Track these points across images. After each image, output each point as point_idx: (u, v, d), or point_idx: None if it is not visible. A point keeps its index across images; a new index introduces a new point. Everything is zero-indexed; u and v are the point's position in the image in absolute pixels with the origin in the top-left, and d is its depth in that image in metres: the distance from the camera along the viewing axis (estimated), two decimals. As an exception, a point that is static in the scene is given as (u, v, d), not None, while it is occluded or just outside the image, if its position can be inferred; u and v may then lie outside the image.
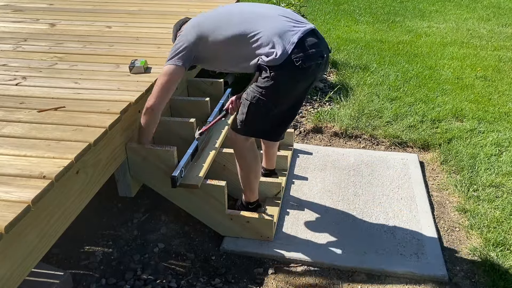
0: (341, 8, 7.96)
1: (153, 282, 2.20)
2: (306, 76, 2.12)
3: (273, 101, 2.14)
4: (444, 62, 5.24)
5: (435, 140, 3.53)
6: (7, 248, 1.44)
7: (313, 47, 2.07)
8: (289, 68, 2.04)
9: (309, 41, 2.07)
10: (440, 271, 2.28)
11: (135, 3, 4.40)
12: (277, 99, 2.15)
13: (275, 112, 2.18)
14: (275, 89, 2.10)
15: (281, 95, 2.14)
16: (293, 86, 2.13)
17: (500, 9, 8.02)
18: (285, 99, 2.17)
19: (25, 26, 3.58)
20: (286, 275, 2.30)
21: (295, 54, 2.03)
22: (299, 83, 2.14)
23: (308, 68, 2.07)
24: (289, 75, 2.08)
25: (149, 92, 2.42)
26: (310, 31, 2.11)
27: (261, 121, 2.22)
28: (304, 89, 2.20)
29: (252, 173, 2.42)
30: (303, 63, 2.04)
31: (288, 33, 2.06)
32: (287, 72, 2.06)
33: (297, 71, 2.05)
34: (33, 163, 1.71)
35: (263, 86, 2.11)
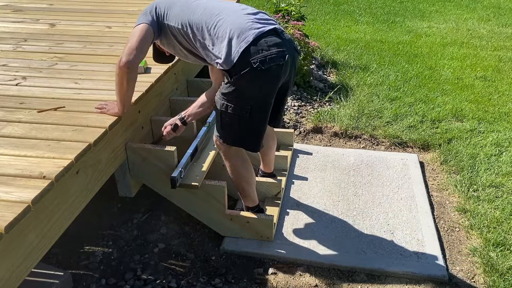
0: (341, 8, 7.96)
1: (153, 282, 2.20)
2: (268, 78, 2.02)
3: (242, 106, 2.06)
4: (444, 62, 5.25)
5: (435, 140, 3.53)
6: (7, 248, 1.44)
7: (273, 47, 1.97)
8: (247, 71, 1.95)
9: (270, 41, 1.98)
10: (440, 271, 2.28)
11: (135, 3, 4.41)
12: (245, 104, 2.06)
13: (247, 119, 2.09)
14: (239, 94, 2.03)
15: (247, 99, 2.06)
16: (257, 89, 2.04)
17: (500, 9, 8.02)
18: (253, 104, 2.07)
19: (25, 26, 3.58)
20: (286, 275, 2.30)
21: (252, 56, 1.94)
22: (263, 86, 2.04)
23: (268, 70, 1.97)
24: (249, 79, 1.98)
25: (149, 92, 2.42)
26: (272, 30, 2.02)
27: (235, 129, 2.15)
28: (271, 93, 2.08)
29: (243, 179, 2.37)
30: (261, 65, 1.94)
31: (246, 31, 1.98)
32: (247, 75, 1.97)
33: (256, 73, 1.95)
34: (33, 163, 1.71)
35: (226, 93, 2.05)
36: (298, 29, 4.43)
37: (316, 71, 4.66)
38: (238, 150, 2.30)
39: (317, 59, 5.04)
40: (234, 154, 2.30)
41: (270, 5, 5.42)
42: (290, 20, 4.72)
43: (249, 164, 2.38)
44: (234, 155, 2.31)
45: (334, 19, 7.20)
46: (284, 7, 4.94)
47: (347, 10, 7.83)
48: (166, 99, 2.77)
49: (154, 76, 2.54)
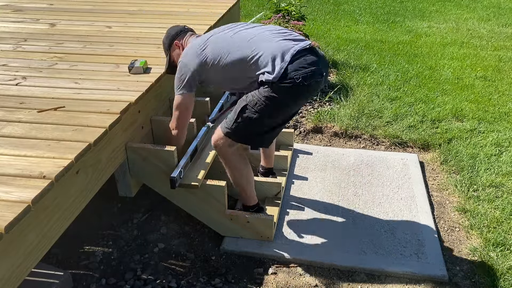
0: (341, 8, 7.96)
1: (153, 282, 2.20)
2: (306, 94, 2.20)
3: (270, 111, 2.16)
4: (444, 62, 5.24)
5: (435, 140, 3.53)
6: (7, 248, 1.44)
7: (312, 65, 2.10)
8: (292, 85, 2.08)
9: (308, 59, 2.11)
10: (440, 271, 2.28)
11: (135, 3, 4.40)
12: (274, 111, 2.17)
13: (267, 122, 2.21)
14: (276, 100, 2.13)
15: (279, 107, 2.17)
16: (292, 102, 2.19)
17: (500, 9, 8.02)
18: (281, 112, 2.20)
19: (25, 26, 3.58)
20: (286, 275, 2.30)
21: (295, 72, 2.07)
22: (298, 100, 2.22)
23: (308, 86, 2.10)
24: (290, 91, 2.10)
25: (149, 92, 2.42)
26: (308, 48, 2.15)
27: (250, 126, 2.21)
28: (301, 105, 2.27)
29: (242, 178, 2.40)
30: (304, 80, 2.07)
31: (285, 52, 2.10)
32: (289, 88, 2.09)
33: (298, 88, 2.09)
34: (33, 163, 1.71)
35: (265, 95, 2.13)
36: (298, 29, 4.43)
37: (316, 71, 4.65)
38: (237, 149, 2.31)
39: (317, 59, 5.03)
40: (235, 152, 2.32)
41: (270, 5, 5.42)
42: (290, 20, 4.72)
43: (247, 163, 2.40)
44: (233, 154, 2.32)
45: (334, 19, 7.20)
46: (284, 7, 4.94)
47: (347, 10, 7.83)
48: (166, 99, 2.77)
49: (154, 76, 2.54)
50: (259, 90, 2.15)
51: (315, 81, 2.12)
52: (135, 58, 2.74)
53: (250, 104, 2.16)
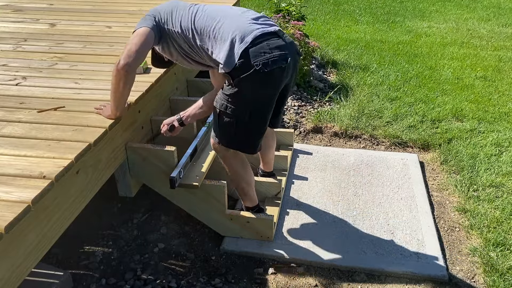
0: (341, 8, 7.96)
1: (153, 282, 2.20)
2: (270, 82, 2.02)
3: (242, 109, 2.05)
4: (444, 62, 5.25)
5: (435, 140, 3.53)
6: (7, 248, 1.44)
7: (276, 49, 1.97)
8: (250, 73, 1.95)
9: (272, 43, 1.98)
10: (440, 271, 2.28)
11: (135, 3, 4.41)
12: (245, 107, 2.06)
13: (246, 122, 2.09)
14: (241, 96, 2.02)
15: (248, 102, 2.06)
16: (259, 92, 2.04)
17: (500, 9, 8.02)
18: (253, 106, 2.07)
19: (25, 26, 3.58)
20: (286, 275, 2.30)
21: (255, 58, 1.93)
22: (264, 89, 2.04)
23: (271, 73, 1.96)
24: (251, 81, 1.98)
25: (149, 92, 2.42)
26: (273, 32, 2.02)
27: (233, 130, 2.13)
28: (272, 95, 2.09)
29: (242, 180, 2.37)
30: (264, 67, 1.93)
31: (247, 33, 1.97)
32: (249, 78, 1.96)
33: (259, 76, 1.95)
34: (33, 163, 1.71)
35: (228, 94, 2.04)
36: (298, 29, 4.43)
37: (316, 71, 4.66)
38: (235, 152, 2.29)
39: (317, 59, 5.04)
40: (232, 155, 2.29)
41: (270, 5, 5.42)
42: (290, 20, 4.72)
43: (247, 165, 2.38)
44: (231, 157, 2.30)
45: (334, 19, 7.20)
46: (284, 7, 4.94)
47: (347, 10, 7.83)
48: (166, 99, 2.77)
49: (154, 76, 2.54)
50: (223, 89, 2.07)
51: (279, 67, 1.97)
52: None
53: (221, 109, 2.08)
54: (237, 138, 2.18)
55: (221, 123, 2.14)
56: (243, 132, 2.15)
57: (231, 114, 2.07)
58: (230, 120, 2.10)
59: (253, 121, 2.11)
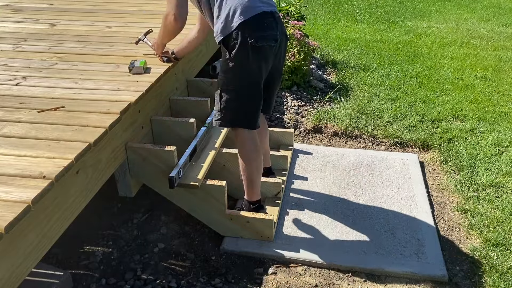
0: (341, 8, 7.96)
1: (153, 282, 2.20)
2: (259, 56, 2.20)
3: (239, 82, 2.23)
4: (444, 62, 5.25)
5: (435, 140, 3.53)
6: (7, 248, 1.44)
7: (268, 28, 2.18)
8: (243, 46, 2.14)
9: (268, 22, 2.18)
10: (440, 271, 2.28)
11: (135, 3, 4.40)
12: (243, 80, 2.23)
13: (245, 94, 2.26)
14: (237, 69, 2.20)
15: (245, 75, 2.23)
16: (252, 64, 2.20)
17: (500, 9, 8.02)
18: (249, 78, 2.24)
19: (25, 26, 3.58)
20: (286, 275, 2.30)
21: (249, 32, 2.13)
22: (256, 62, 2.21)
23: (260, 48, 2.16)
24: (245, 54, 2.16)
25: (149, 92, 2.42)
26: (269, 12, 2.20)
27: (235, 106, 2.27)
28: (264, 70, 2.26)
29: (253, 165, 2.40)
30: (256, 42, 2.13)
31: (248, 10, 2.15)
32: (243, 51, 2.15)
33: (250, 49, 2.14)
34: (33, 163, 1.71)
35: (226, 70, 2.22)
36: (298, 29, 4.43)
37: (316, 71, 4.66)
38: (253, 134, 2.36)
39: (317, 59, 5.04)
40: (249, 137, 2.36)
41: (270, 5, 5.42)
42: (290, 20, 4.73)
43: (260, 156, 2.43)
44: (249, 139, 2.36)
45: (334, 19, 7.20)
46: (284, 7, 4.95)
47: (347, 10, 7.83)
48: (166, 99, 2.77)
49: (154, 76, 2.54)
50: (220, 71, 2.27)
51: (268, 45, 2.18)
52: (135, 58, 2.74)
53: (223, 87, 2.25)
54: (239, 114, 2.31)
55: (223, 102, 2.27)
56: (244, 106, 2.30)
57: (232, 89, 2.25)
58: (232, 95, 2.25)
59: (251, 93, 2.27)
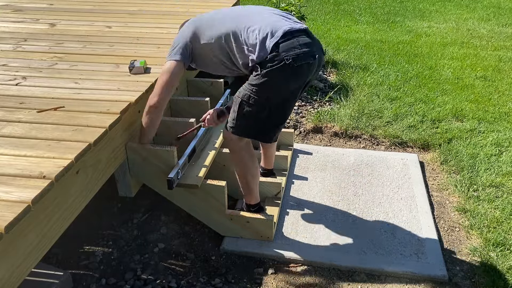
0: (341, 8, 7.96)
1: (153, 282, 2.20)
2: (297, 76, 2.10)
3: (265, 99, 2.12)
4: (444, 62, 5.25)
5: (435, 140, 3.53)
6: (7, 248, 1.44)
7: (304, 46, 2.05)
8: (280, 65, 2.03)
9: (301, 40, 2.06)
10: (440, 271, 2.28)
11: (135, 3, 4.41)
12: (269, 98, 2.13)
13: (267, 112, 2.15)
14: (266, 86, 2.08)
15: (272, 93, 2.12)
16: (284, 84, 2.11)
17: (500, 9, 8.02)
18: (276, 98, 2.14)
19: (25, 26, 3.58)
20: (286, 275, 2.30)
21: (285, 52, 2.02)
22: (290, 83, 2.11)
23: (299, 68, 2.05)
24: (279, 73, 2.05)
25: (149, 92, 2.42)
26: (302, 30, 2.11)
27: (252, 120, 2.19)
28: (296, 90, 2.16)
29: (249, 173, 2.39)
30: (294, 62, 2.02)
31: (277, 29, 2.06)
32: (278, 69, 2.04)
33: (287, 69, 2.03)
34: (33, 163, 1.71)
35: (254, 84, 2.10)
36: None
37: (316, 71, 4.65)
38: (248, 143, 2.33)
39: (317, 59, 5.03)
40: (244, 147, 2.32)
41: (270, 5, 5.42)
42: (290, 20, 4.71)
43: (255, 159, 2.41)
44: (243, 149, 2.33)
45: (334, 19, 7.20)
46: (284, 7, 4.94)
47: (347, 10, 7.83)
48: (166, 99, 2.76)
49: (154, 76, 2.54)
50: (249, 80, 2.13)
51: (307, 63, 2.07)
52: (135, 58, 2.74)
53: (244, 99, 2.14)
54: (256, 128, 2.23)
55: (241, 112, 2.18)
56: (263, 122, 2.20)
57: (253, 104, 2.13)
58: (251, 110, 2.15)
59: (274, 112, 2.17)
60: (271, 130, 2.28)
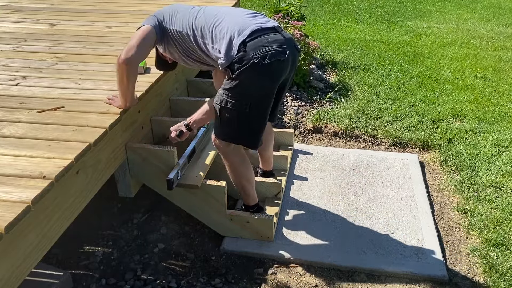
0: (341, 8, 7.96)
1: (153, 282, 2.20)
2: (269, 74, 2.05)
3: (242, 102, 2.08)
4: (444, 62, 5.25)
5: (435, 140, 3.53)
6: (7, 248, 1.44)
7: (274, 43, 2.02)
8: (249, 65, 1.99)
9: (270, 37, 2.03)
10: (440, 271, 2.28)
11: (135, 3, 4.41)
12: (245, 100, 2.09)
13: (247, 115, 2.12)
14: (240, 89, 2.06)
15: (248, 95, 2.09)
16: (258, 84, 2.07)
17: (500, 9, 8.02)
18: (253, 100, 2.10)
19: (25, 26, 3.58)
20: (286, 275, 2.30)
21: (254, 51, 1.98)
22: (262, 82, 2.07)
23: (269, 65, 2.00)
24: (250, 73, 2.01)
25: (149, 92, 2.43)
26: (272, 27, 2.08)
27: (234, 125, 2.16)
28: (270, 90, 2.11)
29: (243, 177, 2.38)
30: (262, 60, 1.98)
31: (245, 27, 2.04)
32: (248, 70, 2.00)
33: (258, 68, 1.99)
34: (33, 163, 1.71)
35: (228, 88, 2.08)
36: (298, 29, 4.43)
37: (316, 71, 4.65)
38: (236, 148, 2.31)
39: (317, 59, 5.04)
40: (233, 152, 2.31)
41: (270, 5, 5.42)
42: (290, 20, 4.72)
43: (248, 162, 2.39)
44: (232, 153, 2.31)
45: (334, 19, 7.20)
46: (284, 7, 4.94)
47: (347, 10, 7.83)
48: (166, 99, 2.77)
49: (154, 76, 2.54)
50: (223, 86, 2.11)
51: (277, 60, 2.01)
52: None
53: (222, 104, 2.11)
54: (239, 133, 2.20)
55: (223, 119, 2.16)
56: (245, 126, 2.18)
57: (232, 109, 2.10)
58: (231, 115, 2.13)
59: (253, 114, 2.13)
60: (255, 133, 2.23)
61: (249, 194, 2.46)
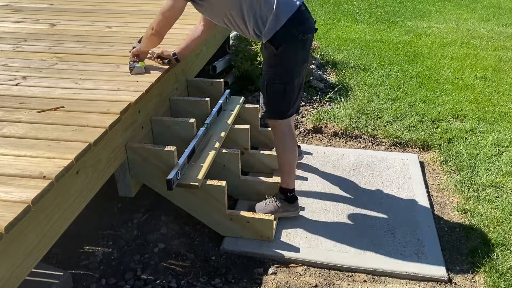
0: (341, 8, 7.96)
1: (153, 282, 2.20)
2: (304, 48, 2.31)
3: (286, 75, 2.30)
4: (444, 62, 5.25)
5: (435, 140, 3.53)
6: (7, 248, 1.44)
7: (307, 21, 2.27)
8: (291, 40, 2.22)
9: (304, 14, 2.26)
10: (440, 271, 2.28)
11: (135, 3, 4.40)
12: (289, 72, 2.30)
13: (290, 86, 2.34)
14: (284, 63, 2.27)
15: (290, 67, 2.30)
16: (298, 56, 2.30)
17: (500, 9, 8.03)
18: (294, 70, 2.31)
19: (25, 26, 3.58)
20: (286, 275, 2.30)
21: (294, 27, 2.20)
22: (299, 55, 2.31)
23: (306, 40, 2.27)
24: (291, 47, 2.25)
25: (149, 92, 2.42)
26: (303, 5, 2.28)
27: (281, 98, 2.35)
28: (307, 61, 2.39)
29: (293, 154, 2.50)
30: (303, 35, 2.23)
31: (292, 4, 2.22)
32: (290, 45, 2.23)
33: (297, 42, 2.25)
34: (33, 163, 1.71)
35: (274, 64, 2.30)
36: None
37: (316, 71, 4.66)
38: (290, 126, 2.46)
39: (317, 59, 5.04)
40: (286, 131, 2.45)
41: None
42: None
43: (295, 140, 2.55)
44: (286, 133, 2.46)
45: (334, 19, 7.21)
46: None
47: (347, 10, 7.83)
48: (166, 99, 2.77)
49: (154, 76, 2.54)
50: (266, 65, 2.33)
51: (311, 35, 2.32)
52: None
53: (269, 82, 2.33)
54: (285, 105, 2.39)
55: (270, 94, 2.37)
56: (289, 97, 2.38)
57: (280, 82, 2.32)
58: (280, 88, 2.34)
59: (296, 84, 2.36)
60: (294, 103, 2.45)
61: (293, 173, 2.53)
